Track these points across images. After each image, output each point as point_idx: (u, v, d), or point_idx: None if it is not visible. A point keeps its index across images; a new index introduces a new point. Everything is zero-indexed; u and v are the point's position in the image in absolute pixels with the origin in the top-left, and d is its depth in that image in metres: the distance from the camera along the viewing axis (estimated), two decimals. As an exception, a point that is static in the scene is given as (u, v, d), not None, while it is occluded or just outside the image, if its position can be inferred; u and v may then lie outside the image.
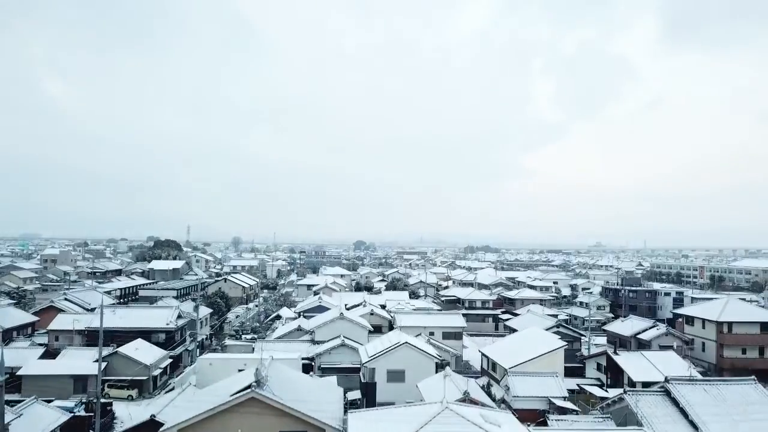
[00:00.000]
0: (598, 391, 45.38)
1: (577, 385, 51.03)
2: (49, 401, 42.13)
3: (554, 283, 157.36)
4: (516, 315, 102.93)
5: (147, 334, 62.57)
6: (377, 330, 71.80)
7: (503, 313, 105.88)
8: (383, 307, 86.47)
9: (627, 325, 65.72)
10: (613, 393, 40.55)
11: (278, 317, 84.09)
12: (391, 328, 72.64)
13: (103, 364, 52.65)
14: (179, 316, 67.40)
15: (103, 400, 41.99)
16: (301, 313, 78.37)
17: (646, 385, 43.33)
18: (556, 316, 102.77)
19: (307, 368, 59.54)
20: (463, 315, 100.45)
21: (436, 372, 48.45)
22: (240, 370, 47.38)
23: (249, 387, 29.55)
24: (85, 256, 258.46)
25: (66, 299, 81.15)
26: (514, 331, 66.86)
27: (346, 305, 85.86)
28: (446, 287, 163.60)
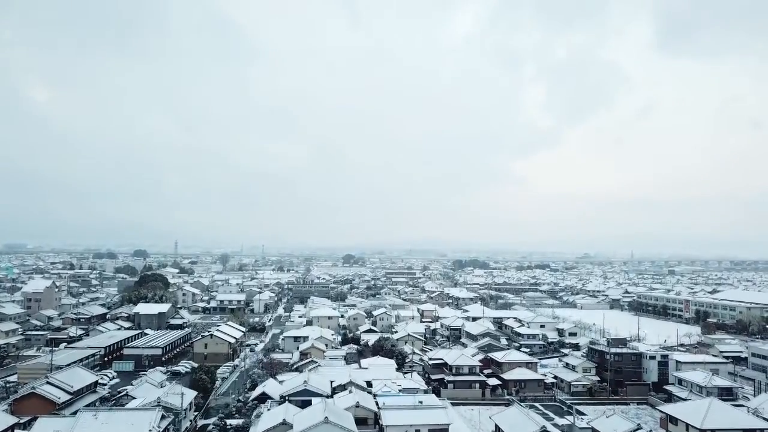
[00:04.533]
0: None
1: None
2: None
3: (541, 326, 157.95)
4: (503, 379, 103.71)
5: (129, 442, 61.75)
6: (362, 423, 71.62)
7: (490, 376, 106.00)
8: (369, 384, 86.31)
9: (612, 426, 65.83)
10: None
11: (263, 398, 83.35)
12: (376, 421, 72.59)
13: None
14: (162, 416, 66.66)
15: None
16: (287, 398, 77.79)
17: None
18: (543, 381, 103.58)
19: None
20: (450, 381, 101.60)
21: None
22: None
23: None
24: (70, 285, 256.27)
25: (48, 383, 79.80)
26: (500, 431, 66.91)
27: (332, 384, 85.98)
28: (434, 330, 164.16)
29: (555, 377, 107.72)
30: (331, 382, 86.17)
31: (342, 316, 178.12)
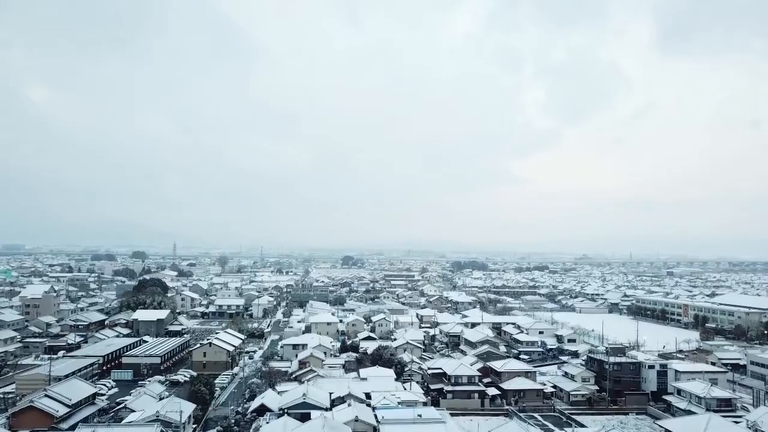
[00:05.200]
0: None
1: None
2: None
3: (540, 333, 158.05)
4: (502, 389, 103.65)
5: (128, 459, 61.79)
6: (362, 437, 71.70)
7: (489, 385, 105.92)
8: (368, 396, 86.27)
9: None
10: None
11: (262, 410, 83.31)
12: (375, 435, 72.58)
13: None
14: (161, 431, 66.57)
15: None
16: (286, 411, 77.75)
17: None
18: (542, 391, 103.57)
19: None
20: (449, 391, 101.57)
21: None
22: None
23: None
24: (68, 290, 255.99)
25: (46, 396, 79.67)
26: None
27: (330, 396, 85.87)
28: (433, 337, 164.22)
29: (554, 386, 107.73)
30: (330, 393, 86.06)
31: (341, 322, 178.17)
